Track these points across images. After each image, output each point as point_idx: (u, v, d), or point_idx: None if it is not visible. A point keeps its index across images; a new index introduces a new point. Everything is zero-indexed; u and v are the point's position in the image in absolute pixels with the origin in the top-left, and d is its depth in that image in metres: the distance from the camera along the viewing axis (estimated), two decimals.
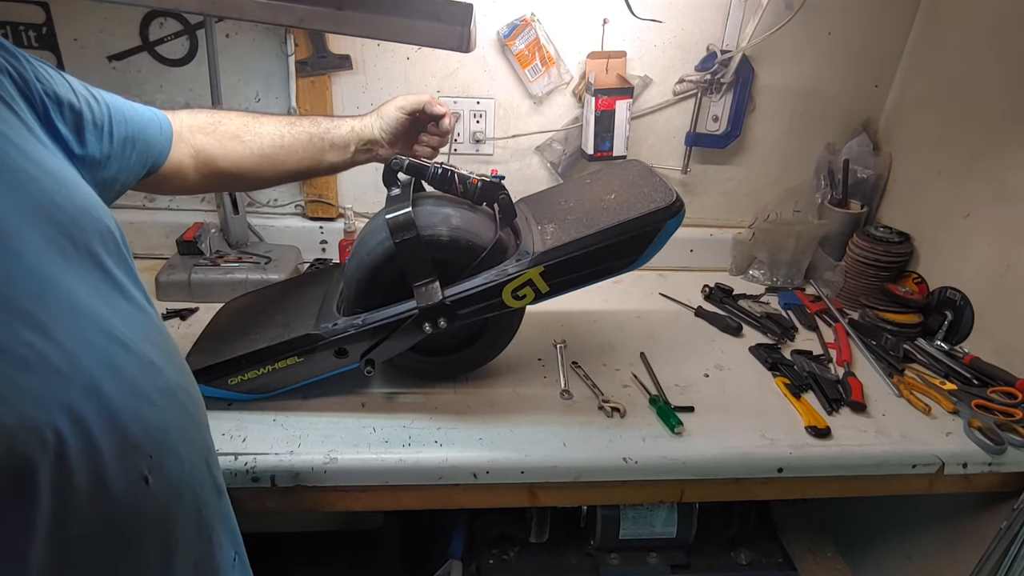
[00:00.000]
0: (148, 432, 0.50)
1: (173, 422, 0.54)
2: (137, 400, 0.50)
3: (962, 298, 1.22)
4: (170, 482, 0.53)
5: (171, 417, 0.54)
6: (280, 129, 0.88)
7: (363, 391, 0.99)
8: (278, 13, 0.98)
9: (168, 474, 0.52)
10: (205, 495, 0.59)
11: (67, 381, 0.44)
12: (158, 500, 0.51)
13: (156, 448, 0.51)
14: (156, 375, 0.53)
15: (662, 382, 1.05)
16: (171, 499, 0.53)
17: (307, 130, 0.90)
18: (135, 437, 0.48)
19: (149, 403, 0.51)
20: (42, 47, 1.23)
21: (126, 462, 0.48)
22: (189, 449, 0.56)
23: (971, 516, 1.08)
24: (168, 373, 0.55)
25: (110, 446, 0.46)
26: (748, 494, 0.97)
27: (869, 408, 1.03)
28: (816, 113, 1.45)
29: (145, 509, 0.50)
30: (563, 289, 0.91)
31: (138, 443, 0.49)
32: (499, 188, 0.93)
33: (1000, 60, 1.18)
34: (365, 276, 0.91)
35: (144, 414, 0.50)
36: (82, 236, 0.50)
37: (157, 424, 0.52)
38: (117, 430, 0.47)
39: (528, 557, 1.16)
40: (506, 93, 1.37)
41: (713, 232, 1.51)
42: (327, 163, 0.93)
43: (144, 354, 0.52)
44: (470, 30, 1.02)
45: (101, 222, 0.53)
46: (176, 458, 0.54)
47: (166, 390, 0.54)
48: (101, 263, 0.51)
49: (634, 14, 1.29)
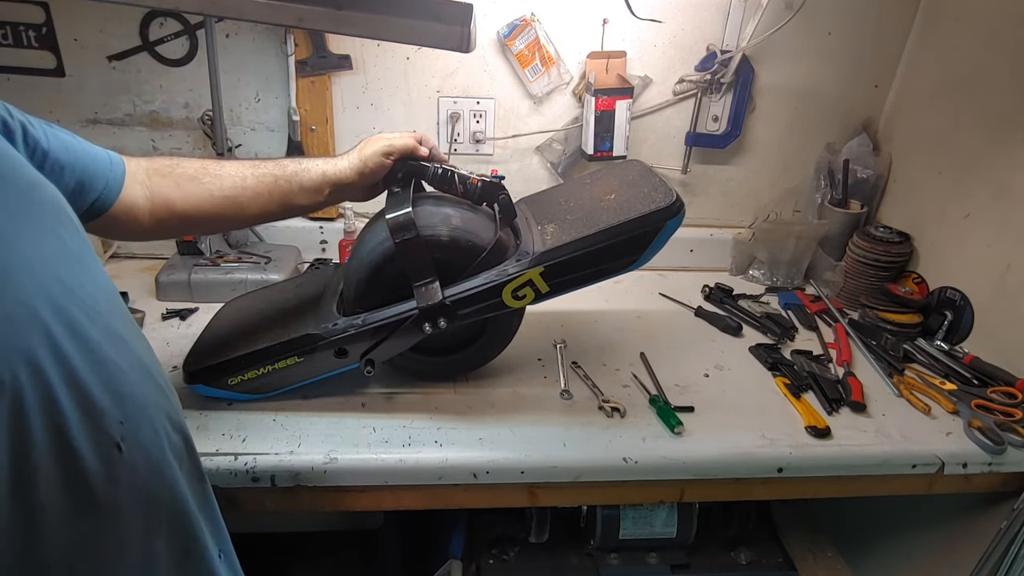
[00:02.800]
0: (117, 398, 0.50)
1: (148, 394, 0.54)
2: (102, 365, 0.49)
3: (962, 298, 1.22)
4: (148, 454, 0.52)
5: (144, 388, 0.53)
6: (243, 171, 0.84)
7: (363, 391, 0.99)
8: (278, 13, 0.98)
9: (144, 444, 0.52)
10: (186, 477, 0.57)
11: (23, 331, 0.44)
12: (134, 471, 0.51)
13: (127, 415, 0.50)
14: (122, 346, 0.53)
15: (662, 382, 1.05)
16: (149, 473, 0.52)
17: (272, 172, 0.86)
18: (101, 400, 0.48)
19: (117, 369, 0.51)
20: (42, 47, 1.23)
21: (93, 425, 0.48)
22: (167, 424, 0.55)
23: (971, 516, 1.08)
24: (136, 349, 0.55)
25: (72, 406, 0.46)
26: (748, 494, 0.97)
27: (869, 408, 1.03)
28: (816, 113, 1.45)
29: (121, 479, 0.50)
30: (563, 289, 0.91)
31: (105, 407, 0.49)
32: (499, 188, 0.93)
33: (1000, 60, 1.18)
34: (365, 276, 0.91)
35: (111, 379, 0.50)
36: (36, 209, 0.50)
37: (127, 392, 0.51)
38: (79, 390, 0.47)
39: (528, 557, 1.16)
40: (506, 93, 1.37)
41: (713, 232, 1.51)
42: (296, 206, 0.89)
43: (109, 325, 0.52)
44: (470, 30, 1.02)
45: (53, 198, 0.53)
46: (152, 430, 0.53)
47: (135, 362, 0.53)
48: (59, 235, 0.51)
49: (634, 14, 1.29)
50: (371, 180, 0.91)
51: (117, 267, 1.34)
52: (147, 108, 1.31)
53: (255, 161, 0.87)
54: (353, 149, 0.91)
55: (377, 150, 0.89)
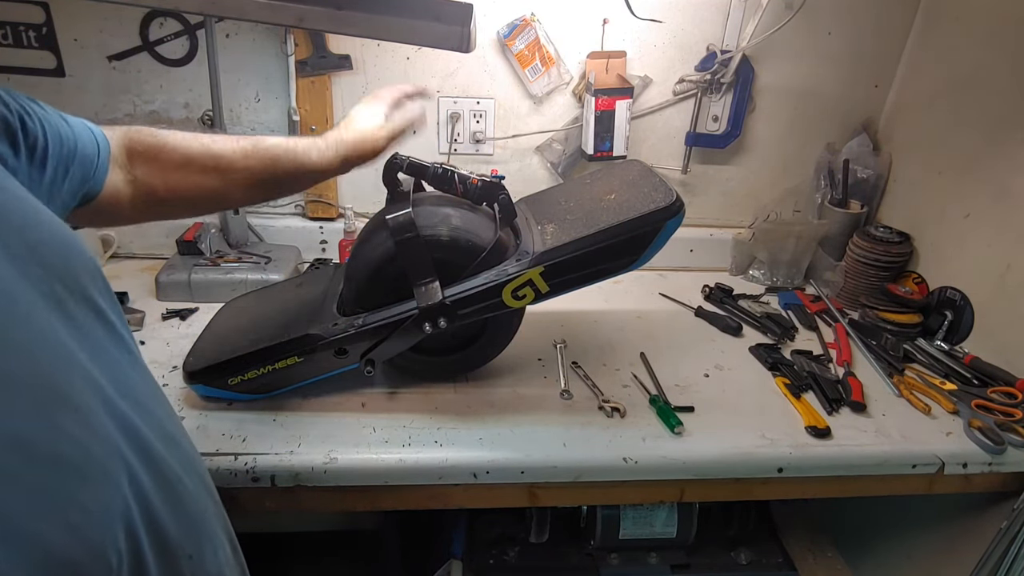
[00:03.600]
0: (184, 527, 0.42)
1: (205, 506, 0.47)
2: (170, 490, 0.41)
3: (962, 298, 1.22)
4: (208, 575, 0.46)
5: (201, 499, 0.46)
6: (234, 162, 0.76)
7: (363, 391, 0.99)
8: (278, 13, 0.98)
9: (207, 572, 0.45)
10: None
11: (114, 483, 0.35)
12: None
13: (194, 546, 0.43)
14: (178, 450, 0.44)
15: (662, 382, 1.05)
16: None
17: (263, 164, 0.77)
18: (174, 539, 0.40)
19: (183, 489, 0.43)
20: (42, 47, 1.23)
21: (168, 569, 0.40)
22: (222, 536, 0.49)
23: (971, 516, 1.08)
24: (186, 447, 0.47)
25: (155, 560, 0.38)
26: (748, 494, 0.97)
27: (869, 408, 1.03)
28: (816, 113, 1.45)
29: None
30: (563, 289, 0.91)
31: (179, 545, 0.41)
32: (499, 188, 0.93)
33: (1000, 60, 1.18)
34: (365, 276, 0.91)
35: (180, 506, 0.42)
36: (77, 284, 0.40)
37: (193, 515, 0.44)
38: (159, 535, 0.39)
39: (528, 557, 1.16)
40: (506, 93, 1.37)
41: (713, 232, 1.51)
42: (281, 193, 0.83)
43: (164, 427, 0.44)
44: (470, 30, 1.02)
45: (86, 256, 0.44)
46: (212, 551, 0.46)
47: (189, 467, 0.45)
48: (100, 312, 0.43)
49: (634, 14, 1.29)
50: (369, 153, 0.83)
51: (117, 267, 1.34)
52: (147, 108, 1.31)
53: (247, 148, 0.77)
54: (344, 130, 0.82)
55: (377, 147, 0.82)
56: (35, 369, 0.33)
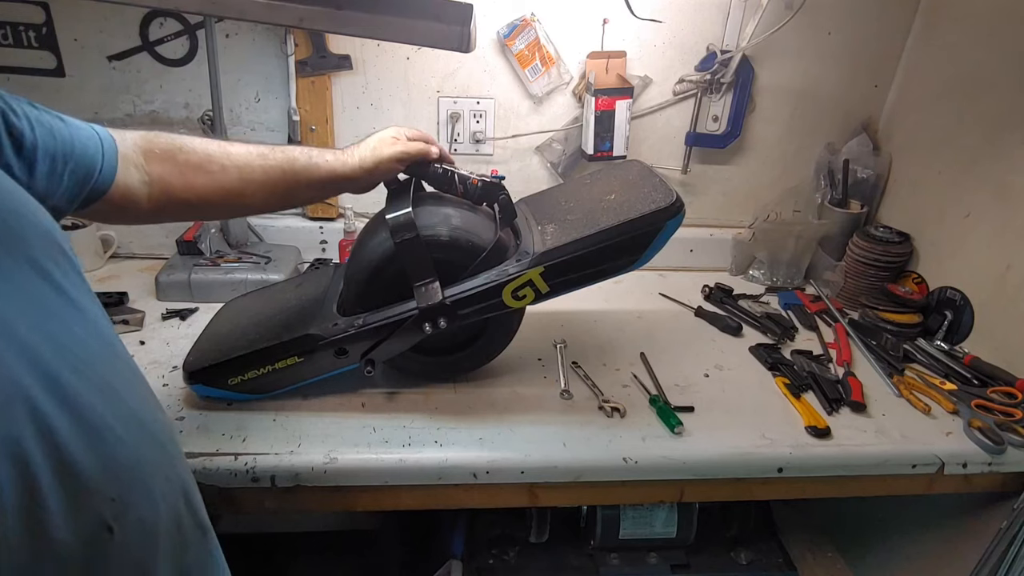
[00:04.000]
0: (110, 470, 0.44)
1: (143, 456, 0.48)
2: (94, 433, 0.44)
3: (962, 298, 1.22)
4: (142, 528, 0.47)
5: (139, 451, 0.48)
6: (251, 162, 0.81)
7: (363, 391, 0.99)
8: (278, 13, 0.98)
9: (140, 519, 0.47)
10: (187, 537, 0.53)
11: (4, 413, 0.38)
12: (127, 551, 0.45)
13: (121, 490, 0.45)
14: (117, 401, 0.47)
15: (662, 382, 1.05)
16: (144, 549, 0.47)
17: (280, 166, 0.82)
18: (91, 479, 0.42)
19: (111, 434, 0.45)
20: (42, 47, 1.24)
21: (81, 511, 0.42)
22: (164, 486, 0.50)
23: (971, 516, 1.08)
24: (131, 401, 0.49)
25: (57, 494, 0.40)
26: (748, 494, 0.97)
27: (869, 408, 1.03)
28: (816, 113, 1.45)
29: (111, 561, 0.44)
30: (563, 289, 0.91)
31: (95, 486, 0.43)
32: (499, 188, 0.93)
33: (1000, 60, 1.18)
34: (365, 276, 0.91)
35: (103, 449, 0.44)
36: (19, 245, 0.44)
37: (122, 459, 0.46)
38: (67, 471, 0.41)
39: (528, 557, 1.16)
40: (506, 93, 1.37)
41: (713, 232, 1.51)
42: (300, 200, 0.88)
43: (103, 377, 0.46)
44: (470, 30, 1.02)
45: (41, 227, 0.47)
46: (148, 500, 0.48)
47: (131, 419, 0.48)
48: (47, 274, 0.45)
49: (634, 14, 1.29)
50: (379, 181, 0.91)
51: (117, 267, 1.34)
52: (147, 108, 1.31)
53: (263, 150, 0.82)
54: (364, 146, 0.88)
55: (392, 156, 0.87)
56: None
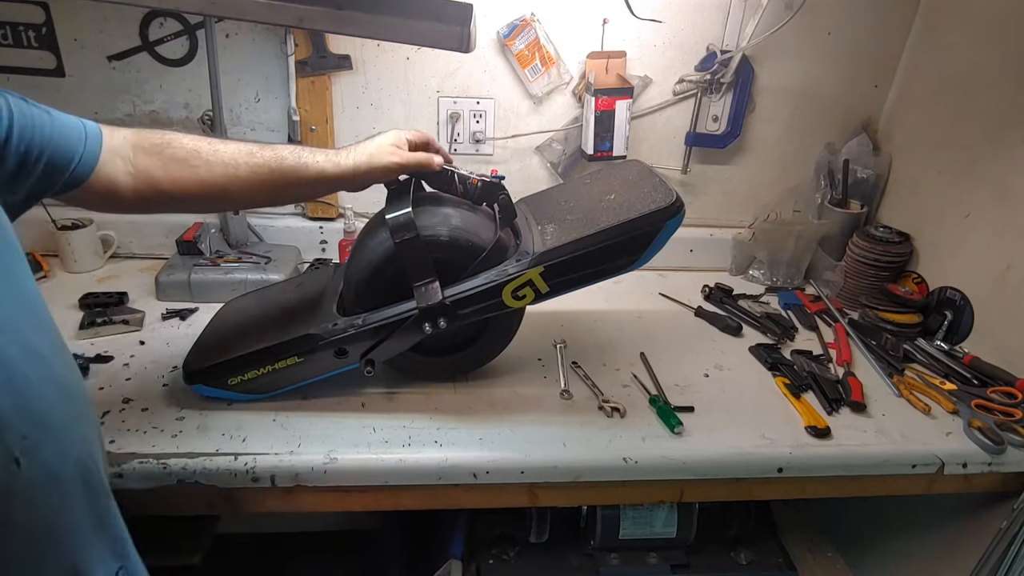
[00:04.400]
0: (23, 413, 0.50)
1: (56, 410, 0.54)
2: (9, 379, 0.49)
3: (962, 298, 1.22)
4: (47, 470, 0.52)
5: (53, 405, 0.53)
6: (236, 159, 0.80)
7: (363, 391, 0.99)
8: (278, 13, 0.98)
9: (45, 460, 0.52)
10: (90, 494, 0.57)
11: None
12: (31, 487, 0.50)
13: (31, 430, 0.51)
14: (39, 362, 0.53)
15: (662, 382, 1.05)
16: (47, 489, 0.52)
17: (267, 164, 0.81)
18: (4, 414, 0.48)
19: (27, 384, 0.51)
20: (42, 47, 1.24)
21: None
22: (74, 440, 0.56)
23: (971, 516, 1.08)
24: (54, 366, 0.55)
25: None
26: (748, 494, 0.97)
27: (869, 408, 1.03)
28: (816, 113, 1.45)
29: (16, 493, 0.50)
30: (563, 289, 0.91)
31: (9, 421, 0.49)
32: (499, 188, 0.93)
33: (1000, 60, 1.18)
34: (365, 276, 0.91)
35: (19, 394, 0.50)
36: None
37: (36, 408, 0.51)
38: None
39: (528, 557, 1.16)
40: (506, 93, 1.37)
41: (713, 232, 1.51)
42: (287, 198, 0.89)
43: (26, 340, 0.52)
44: (470, 30, 1.02)
45: None
46: (56, 447, 0.53)
47: (50, 377, 0.54)
48: None
49: (634, 14, 1.29)
50: (373, 184, 0.88)
51: (117, 267, 1.34)
52: (147, 108, 1.31)
53: (252, 148, 0.82)
54: (361, 149, 0.85)
55: (388, 166, 0.85)
56: None
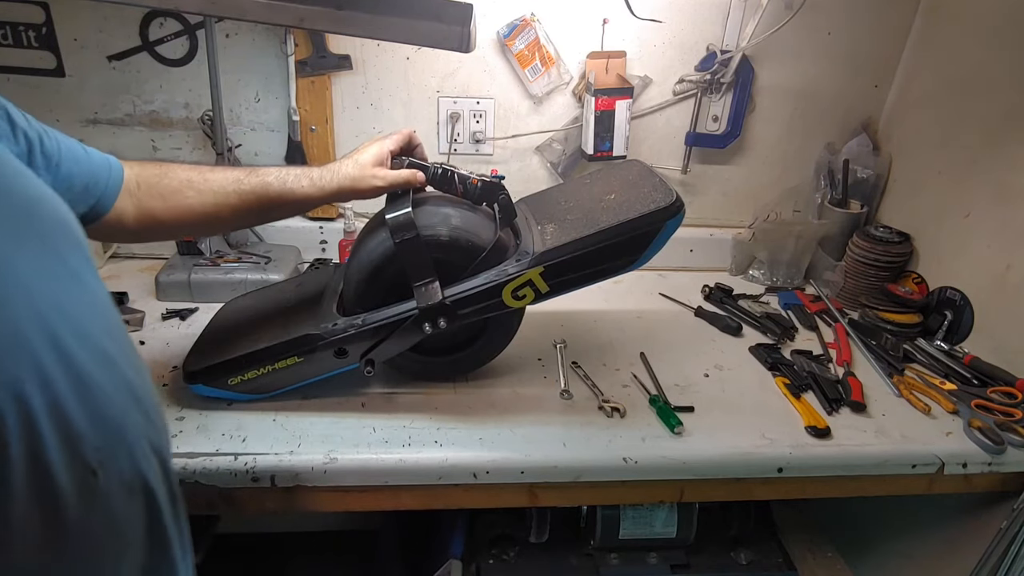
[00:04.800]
0: (98, 423, 0.50)
1: (130, 418, 0.54)
2: (87, 389, 0.50)
3: (962, 298, 1.22)
4: (121, 479, 0.52)
5: (126, 413, 0.54)
6: (226, 187, 0.85)
7: (363, 391, 0.99)
8: (278, 13, 0.98)
9: (120, 470, 0.52)
10: (160, 502, 0.58)
11: (11, 360, 0.44)
12: (108, 497, 0.51)
13: (105, 440, 0.51)
14: (111, 369, 0.53)
15: (662, 382, 1.05)
16: (124, 499, 0.53)
17: (255, 191, 0.85)
18: (80, 426, 0.48)
19: (101, 393, 0.51)
20: (42, 47, 1.23)
21: (71, 451, 0.48)
22: (145, 450, 0.56)
23: (971, 516, 1.08)
24: (125, 370, 0.55)
25: (52, 433, 0.46)
26: (748, 494, 0.97)
27: (869, 408, 1.03)
28: (816, 113, 1.45)
29: (96, 505, 0.50)
30: (563, 289, 0.91)
31: (84, 433, 0.49)
32: (499, 188, 0.93)
33: (1000, 60, 1.18)
34: (365, 276, 0.91)
35: (94, 404, 0.50)
36: (38, 225, 0.51)
37: (109, 416, 0.52)
38: (61, 417, 0.47)
39: (528, 557, 1.16)
40: (506, 93, 1.37)
41: (713, 232, 1.51)
42: (276, 218, 0.91)
43: (100, 346, 0.52)
44: (470, 30, 1.02)
45: (59, 214, 0.54)
46: (128, 455, 0.53)
47: (121, 385, 0.54)
48: (58, 253, 0.52)
49: (634, 14, 1.29)
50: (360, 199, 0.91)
51: (117, 267, 1.34)
52: (147, 108, 1.31)
53: (239, 175, 0.86)
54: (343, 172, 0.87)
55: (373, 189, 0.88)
56: None
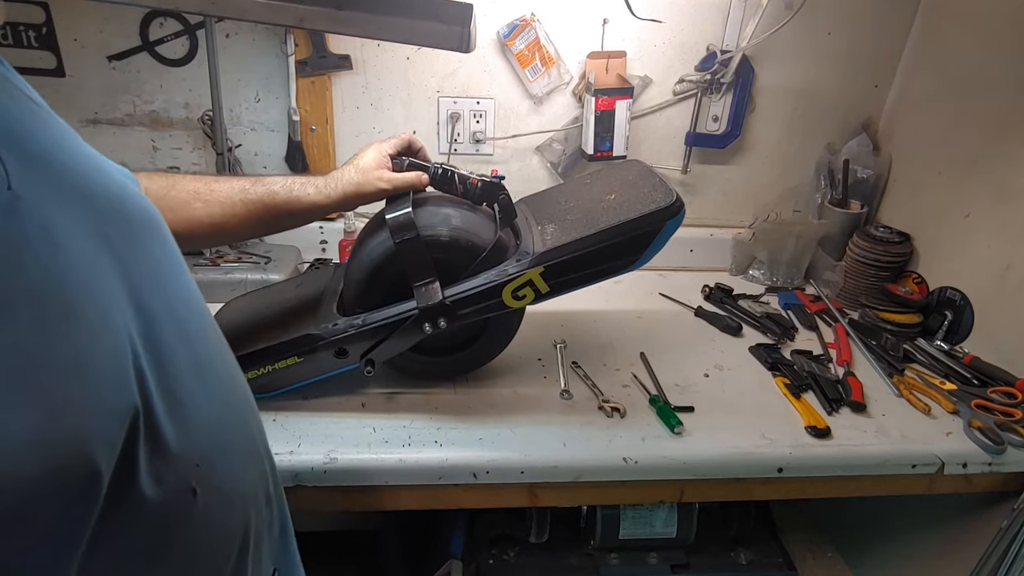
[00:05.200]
0: (188, 438, 0.47)
1: (223, 430, 0.51)
2: (181, 406, 0.46)
3: (962, 298, 1.22)
4: (220, 495, 0.50)
5: (220, 424, 0.51)
6: (232, 198, 0.85)
7: (363, 391, 0.99)
8: (278, 13, 0.98)
9: (218, 485, 0.49)
10: (258, 506, 0.56)
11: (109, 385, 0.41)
12: (207, 512, 0.48)
13: (203, 457, 0.48)
14: (206, 374, 0.50)
15: (662, 382, 1.05)
16: (221, 512, 0.50)
17: (262, 201, 0.86)
18: (173, 444, 0.45)
19: (193, 405, 0.48)
20: (42, 47, 1.23)
21: (166, 472, 0.44)
22: (244, 460, 0.54)
23: (971, 516, 1.08)
24: (220, 373, 0.53)
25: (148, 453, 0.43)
26: (748, 494, 0.97)
27: (869, 408, 1.03)
28: (816, 113, 1.45)
29: (193, 520, 0.47)
30: (563, 289, 0.91)
31: (179, 451, 0.45)
32: (499, 188, 0.93)
33: (1000, 60, 1.18)
34: (365, 276, 0.91)
35: (189, 419, 0.47)
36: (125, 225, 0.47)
37: (200, 429, 0.48)
38: (156, 437, 0.44)
39: (528, 557, 1.16)
40: (506, 93, 1.37)
41: (713, 232, 1.51)
42: (284, 228, 0.92)
43: (195, 351, 0.50)
44: (470, 30, 1.02)
45: (144, 210, 0.51)
46: (228, 469, 0.51)
47: (214, 395, 0.51)
48: (151, 253, 0.49)
49: (634, 14, 1.29)
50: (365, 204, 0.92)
51: None
52: (147, 108, 1.31)
53: (244, 185, 0.86)
54: (347, 178, 0.88)
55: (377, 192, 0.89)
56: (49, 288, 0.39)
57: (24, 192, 0.39)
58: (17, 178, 0.39)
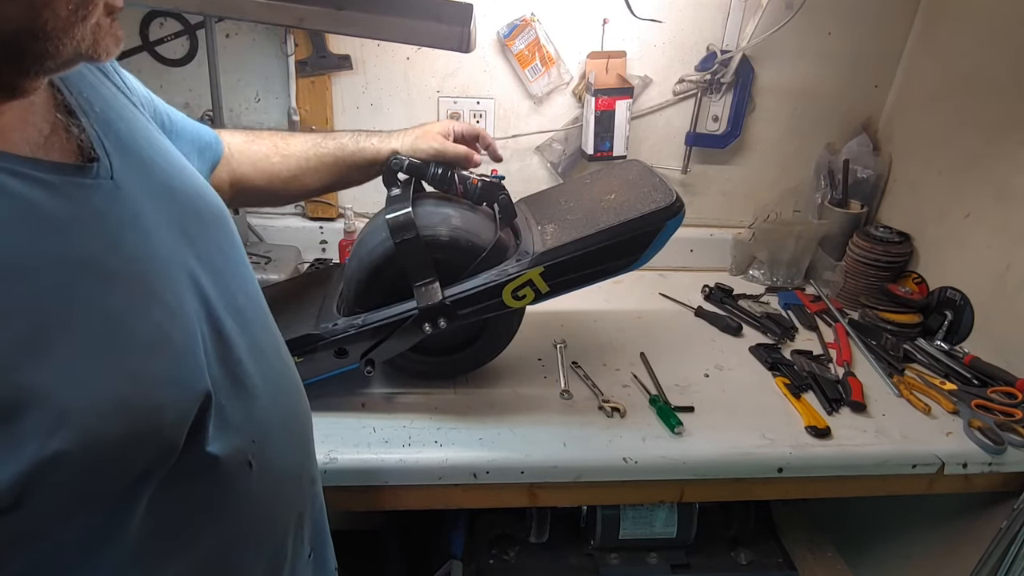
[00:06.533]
0: (252, 416, 0.51)
1: (274, 411, 0.55)
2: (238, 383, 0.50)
3: (962, 298, 1.22)
4: (271, 471, 0.53)
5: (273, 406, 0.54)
6: (307, 151, 0.89)
7: (363, 391, 0.99)
8: (278, 13, 0.98)
9: (269, 462, 0.53)
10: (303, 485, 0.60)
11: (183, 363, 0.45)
12: (261, 486, 0.52)
13: (260, 434, 0.52)
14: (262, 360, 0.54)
15: (662, 382, 1.05)
16: (271, 487, 0.54)
17: (332, 152, 0.90)
18: (236, 421, 0.49)
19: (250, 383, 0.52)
20: None
21: (230, 444, 0.48)
22: (290, 440, 0.57)
23: (971, 516, 1.08)
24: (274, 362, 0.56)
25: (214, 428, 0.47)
26: (748, 494, 0.97)
27: (869, 408, 1.03)
28: (816, 113, 1.45)
29: (248, 493, 0.51)
30: (563, 289, 0.91)
31: (239, 426, 0.49)
32: (499, 188, 0.93)
33: (1000, 60, 1.18)
34: (365, 276, 0.91)
35: (248, 397, 0.51)
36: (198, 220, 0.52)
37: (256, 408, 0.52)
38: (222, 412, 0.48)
39: (528, 557, 1.16)
40: (506, 93, 1.37)
41: (713, 232, 1.51)
42: (350, 181, 0.95)
43: (254, 337, 0.53)
44: (470, 30, 1.02)
45: (215, 207, 0.55)
46: (278, 446, 0.55)
47: (269, 377, 0.54)
48: (220, 246, 0.53)
49: (634, 14, 1.29)
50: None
51: None
52: None
53: (317, 139, 0.91)
54: (408, 133, 0.93)
55: (427, 152, 0.92)
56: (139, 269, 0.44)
57: (123, 183, 0.45)
58: (118, 170, 0.45)
